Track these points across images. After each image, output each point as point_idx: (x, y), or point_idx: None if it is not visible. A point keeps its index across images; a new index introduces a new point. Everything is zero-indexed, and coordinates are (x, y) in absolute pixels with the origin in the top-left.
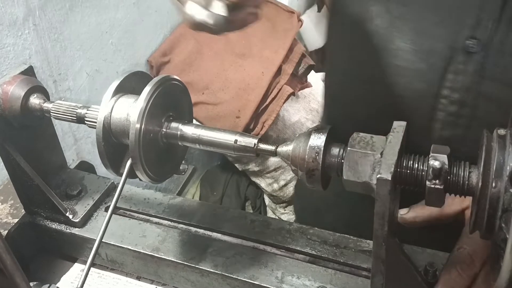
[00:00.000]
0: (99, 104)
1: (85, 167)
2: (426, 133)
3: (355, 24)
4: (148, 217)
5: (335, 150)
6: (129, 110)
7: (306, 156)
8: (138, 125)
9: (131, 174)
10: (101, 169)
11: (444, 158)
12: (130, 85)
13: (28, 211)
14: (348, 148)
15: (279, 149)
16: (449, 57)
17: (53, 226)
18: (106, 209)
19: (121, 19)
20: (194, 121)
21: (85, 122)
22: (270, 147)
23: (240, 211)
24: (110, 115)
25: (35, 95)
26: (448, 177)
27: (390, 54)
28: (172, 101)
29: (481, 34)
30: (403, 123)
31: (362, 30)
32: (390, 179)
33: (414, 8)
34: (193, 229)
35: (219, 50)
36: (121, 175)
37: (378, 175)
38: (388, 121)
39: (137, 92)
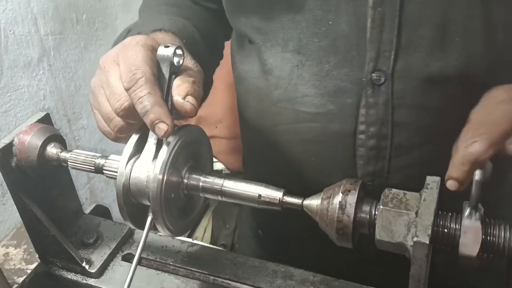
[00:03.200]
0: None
1: (101, 211)
2: (351, 171)
3: (249, 79)
4: (166, 266)
5: (367, 207)
6: (149, 172)
7: (336, 213)
8: (160, 176)
9: (153, 227)
10: (117, 212)
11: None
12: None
13: (43, 260)
14: (381, 206)
15: (306, 202)
16: (357, 94)
17: (69, 277)
18: (123, 258)
19: None
20: None
21: (104, 172)
22: (297, 201)
23: (261, 261)
24: (129, 181)
25: (52, 145)
26: (488, 238)
27: (296, 102)
28: (193, 151)
29: (383, 65)
30: (437, 179)
31: (256, 83)
32: (428, 242)
33: (311, 54)
34: (211, 278)
35: (232, 84)
36: (143, 228)
37: (415, 238)
38: (307, 168)
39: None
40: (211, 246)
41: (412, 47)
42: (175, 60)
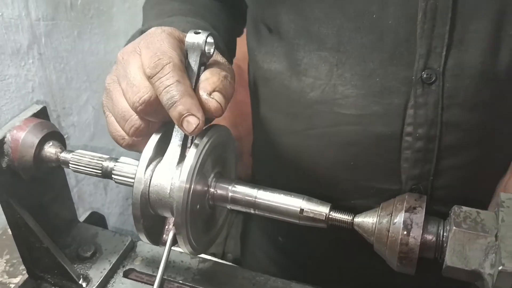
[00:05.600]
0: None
1: (96, 218)
2: (395, 176)
3: (278, 79)
4: (175, 285)
5: (433, 227)
6: (173, 178)
7: (400, 234)
8: (187, 184)
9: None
10: (112, 220)
11: None
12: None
13: (32, 275)
14: (454, 228)
15: (358, 219)
16: (405, 93)
17: None
18: (125, 274)
19: None
20: None
21: (113, 178)
22: (346, 217)
23: (283, 281)
24: (149, 188)
25: (51, 143)
26: None
27: (335, 104)
28: (220, 155)
29: (434, 62)
30: None
31: (287, 85)
32: None
33: (352, 52)
34: None
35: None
36: (159, 244)
37: (501, 267)
38: (344, 173)
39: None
40: (224, 262)
41: (465, 43)
42: (206, 48)
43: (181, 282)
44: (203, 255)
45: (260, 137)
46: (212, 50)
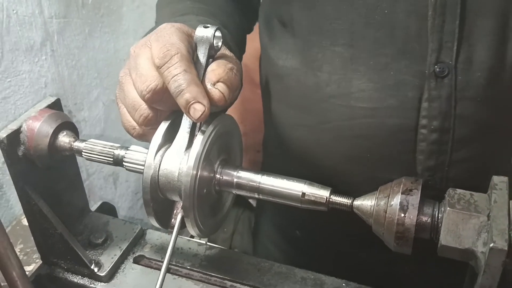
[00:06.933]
0: (114, 135)
1: (106, 209)
2: (411, 167)
3: (293, 76)
4: (183, 271)
5: (429, 209)
6: (181, 163)
7: (397, 215)
8: (194, 170)
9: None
10: (122, 210)
11: None
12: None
13: (46, 261)
14: (448, 208)
15: (357, 202)
16: (419, 87)
17: (75, 280)
18: (135, 260)
19: None
20: None
21: (124, 165)
22: (346, 201)
23: (287, 267)
24: (158, 173)
25: (64, 133)
26: None
27: (351, 97)
28: (226, 143)
29: (446, 56)
30: (504, 179)
31: (302, 80)
32: (506, 248)
33: (365, 47)
34: (238, 285)
35: None
36: (168, 227)
37: (492, 244)
38: (359, 166)
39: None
40: (231, 250)
41: (473, 38)
42: (215, 41)
43: (188, 267)
44: (213, 244)
45: (271, 133)
46: (220, 44)
